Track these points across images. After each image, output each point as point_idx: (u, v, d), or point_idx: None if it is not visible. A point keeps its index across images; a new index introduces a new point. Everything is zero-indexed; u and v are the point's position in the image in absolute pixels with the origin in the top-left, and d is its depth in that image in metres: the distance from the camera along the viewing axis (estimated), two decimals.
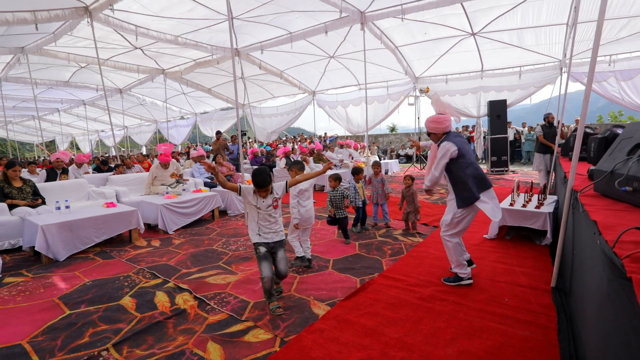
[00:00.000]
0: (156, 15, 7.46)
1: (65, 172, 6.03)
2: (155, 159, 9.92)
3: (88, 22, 7.36)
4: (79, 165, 7.14)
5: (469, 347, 2.13)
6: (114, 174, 6.47)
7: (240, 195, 2.72)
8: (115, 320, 2.55)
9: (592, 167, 2.81)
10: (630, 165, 1.91)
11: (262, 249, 2.72)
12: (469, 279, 3.01)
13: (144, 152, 20.24)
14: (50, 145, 29.90)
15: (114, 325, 2.48)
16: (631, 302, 0.94)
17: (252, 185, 2.67)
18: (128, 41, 9.27)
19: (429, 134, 3.10)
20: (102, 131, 23.70)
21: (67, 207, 4.19)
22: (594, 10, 6.08)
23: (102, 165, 7.70)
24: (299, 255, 3.52)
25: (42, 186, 5.01)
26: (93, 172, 7.49)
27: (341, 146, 11.79)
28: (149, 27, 8.14)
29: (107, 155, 20.97)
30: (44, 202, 4.66)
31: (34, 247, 3.79)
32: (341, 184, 4.40)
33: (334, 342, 2.22)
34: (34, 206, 4.46)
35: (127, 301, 2.85)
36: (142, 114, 19.06)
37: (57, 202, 4.25)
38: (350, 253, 3.91)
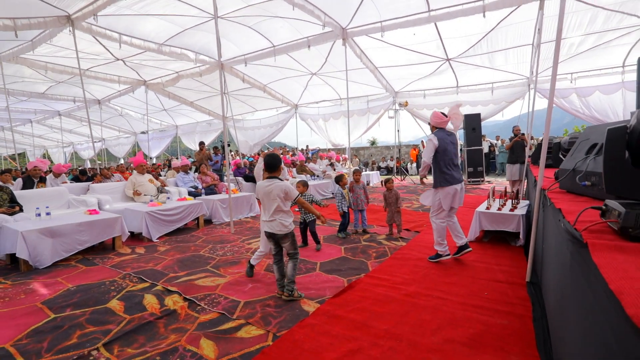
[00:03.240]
0: (140, 14, 7.39)
1: (42, 180, 5.86)
2: (134, 170, 9.77)
3: (70, 31, 7.31)
4: (57, 175, 6.95)
5: (453, 335, 2.26)
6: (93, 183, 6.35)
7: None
8: (104, 322, 2.52)
9: (558, 170, 3.07)
10: (588, 162, 2.15)
11: None
12: (447, 255, 3.66)
13: (122, 163, 19.72)
14: (19, 157, 28.56)
15: (103, 327, 2.45)
16: (586, 262, 1.10)
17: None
18: (110, 52, 9.18)
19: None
20: (79, 144, 22.95)
21: (47, 213, 4.09)
22: (556, 30, 6.62)
23: (80, 175, 7.51)
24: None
25: (19, 194, 4.86)
26: (70, 183, 7.28)
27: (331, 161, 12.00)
28: (132, 34, 8.09)
29: (82, 168, 20.30)
30: (21, 210, 4.52)
31: (10, 255, 3.67)
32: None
33: (325, 335, 2.29)
34: (10, 214, 4.32)
35: (115, 304, 2.82)
36: (120, 125, 18.67)
37: (38, 208, 4.14)
38: (336, 256, 4.00)
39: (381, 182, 5.04)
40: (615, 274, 0.86)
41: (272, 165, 2.92)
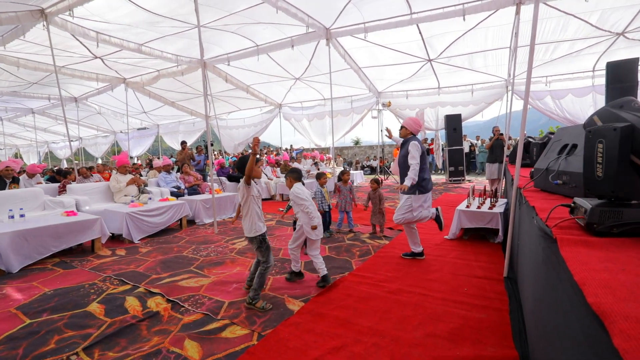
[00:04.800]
0: (119, 23, 7.30)
1: (15, 181, 5.63)
2: (113, 170, 9.53)
3: (44, 25, 7.04)
4: (31, 176, 6.69)
5: (434, 330, 2.33)
6: (63, 184, 6.12)
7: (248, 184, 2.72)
8: (84, 326, 2.46)
9: (533, 169, 3.21)
10: (560, 162, 2.26)
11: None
12: (421, 254, 3.81)
13: (101, 163, 19.13)
14: None
15: (82, 331, 2.40)
16: (556, 256, 1.17)
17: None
18: (87, 48, 8.88)
19: (401, 127, 3.73)
20: (54, 143, 22.10)
21: (21, 215, 3.94)
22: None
23: (57, 175, 7.25)
24: (295, 270, 3.30)
25: None
26: (46, 183, 7.03)
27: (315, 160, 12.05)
28: (110, 34, 7.90)
29: (58, 168, 19.58)
30: None
31: None
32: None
33: (310, 333, 2.32)
34: None
35: (95, 307, 2.75)
36: (99, 124, 18.11)
37: (11, 210, 3.97)
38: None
39: (370, 180, 5.13)
40: (579, 266, 0.93)
41: (240, 167, 2.80)
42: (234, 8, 6.95)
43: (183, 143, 9.33)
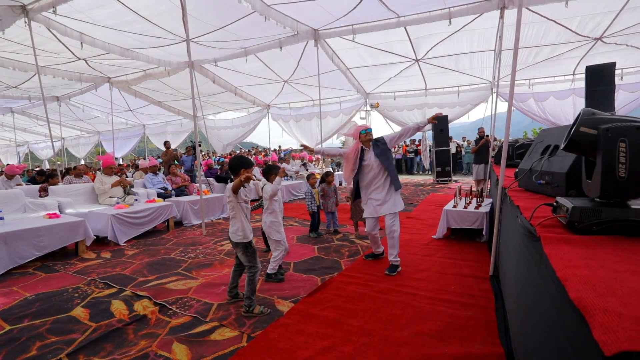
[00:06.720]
0: (104, 26, 7.14)
1: None
2: (97, 171, 9.31)
3: (25, 22, 6.83)
4: (10, 177, 6.48)
5: (422, 328, 2.36)
6: (45, 186, 5.93)
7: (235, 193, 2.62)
8: (67, 332, 2.40)
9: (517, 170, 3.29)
10: (543, 162, 2.32)
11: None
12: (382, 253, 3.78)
13: (84, 164, 18.64)
14: None
15: (66, 336, 2.34)
16: (539, 254, 1.21)
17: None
18: (70, 51, 8.63)
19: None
20: (35, 143, 21.45)
21: (0, 218, 3.81)
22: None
23: (38, 176, 7.04)
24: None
25: None
26: (26, 185, 6.81)
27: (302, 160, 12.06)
28: (95, 37, 7.71)
29: (38, 168, 19.00)
30: None
31: None
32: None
33: (299, 334, 2.32)
34: None
35: (79, 312, 2.68)
36: (82, 124, 17.67)
37: None
38: (310, 256, 4.04)
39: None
40: (561, 263, 0.96)
41: (232, 167, 2.72)
42: (222, 22, 6.94)
43: (166, 143, 9.16)
